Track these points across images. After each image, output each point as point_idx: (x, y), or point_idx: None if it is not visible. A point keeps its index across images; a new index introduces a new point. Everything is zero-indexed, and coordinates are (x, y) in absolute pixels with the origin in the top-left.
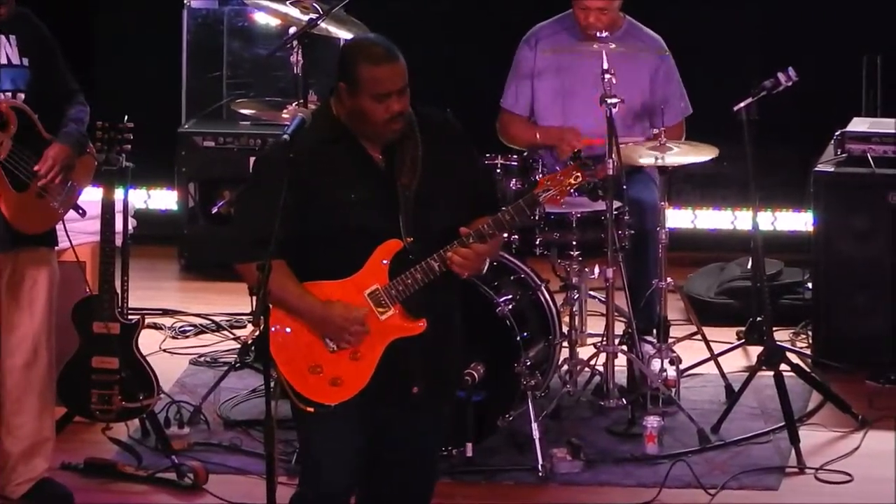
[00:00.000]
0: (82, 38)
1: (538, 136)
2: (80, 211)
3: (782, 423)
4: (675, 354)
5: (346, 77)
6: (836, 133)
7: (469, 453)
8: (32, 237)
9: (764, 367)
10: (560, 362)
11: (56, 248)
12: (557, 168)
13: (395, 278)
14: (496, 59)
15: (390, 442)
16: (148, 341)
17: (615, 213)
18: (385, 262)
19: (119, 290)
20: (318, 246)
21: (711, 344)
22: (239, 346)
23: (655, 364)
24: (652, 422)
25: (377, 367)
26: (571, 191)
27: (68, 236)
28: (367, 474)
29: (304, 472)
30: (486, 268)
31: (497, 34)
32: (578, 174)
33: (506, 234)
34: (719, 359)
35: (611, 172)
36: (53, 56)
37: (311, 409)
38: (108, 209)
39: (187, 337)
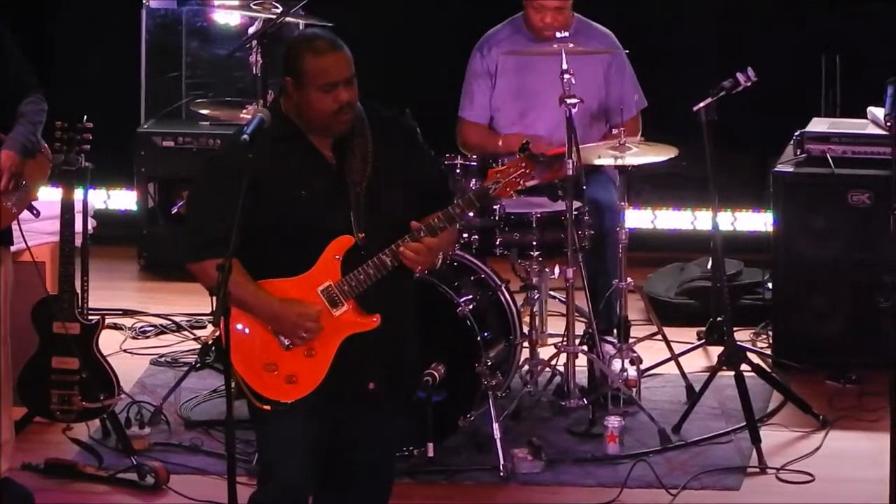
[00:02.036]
0: (40, 38)
1: (500, 143)
2: (35, 211)
3: (743, 424)
4: (635, 354)
5: (291, 71)
6: (796, 133)
7: (430, 453)
8: None
9: (724, 368)
10: (521, 362)
11: (11, 247)
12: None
13: (347, 274)
14: (453, 60)
15: (347, 441)
16: (108, 341)
17: (575, 213)
18: (337, 257)
19: (79, 291)
20: (270, 244)
21: (672, 344)
22: (199, 346)
23: (616, 364)
24: (613, 422)
25: (332, 364)
26: (521, 182)
27: (24, 237)
28: (325, 474)
29: (261, 470)
30: (439, 262)
31: (454, 36)
32: (526, 165)
33: (465, 235)
34: (680, 359)
35: (570, 173)
36: (6, 50)
37: (268, 408)
38: (67, 209)
39: (147, 337)
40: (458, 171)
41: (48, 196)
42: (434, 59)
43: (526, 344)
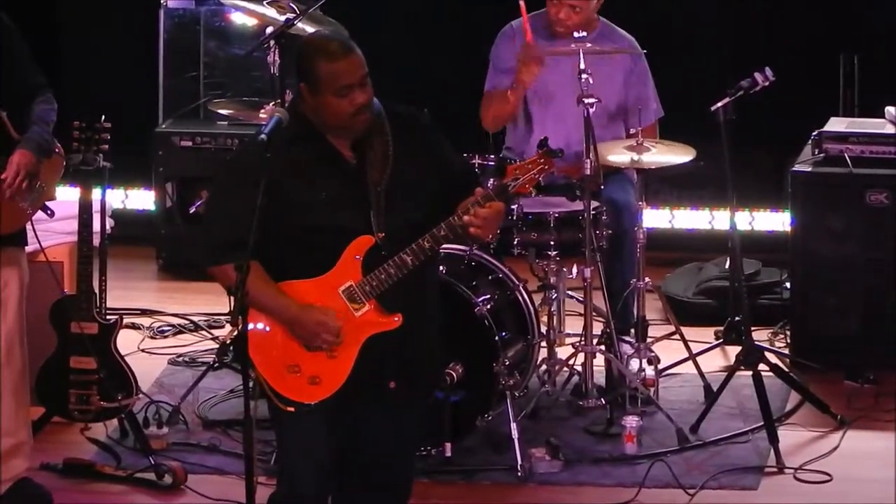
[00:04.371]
0: (58, 38)
1: (510, 95)
2: (49, 212)
3: (761, 423)
4: (653, 354)
5: (305, 77)
6: (814, 133)
7: (447, 453)
8: (1, 237)
9: (742, 367)
10: (538, 362)
11: (26, 247)
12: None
13: (368, 274)
14: (470, 59)
15: (367, 441)
16: (126, 341)
17: (593, 213)
18: (358, 257)
19: (97, 290)
20: (290, 245)
21: (690, 344)
22: (217, 346)
23: (634, 364)
24: (630, 421)
25: (354, 364)
26: (540, 178)
27: (38, 238)
28: (344, 474)
29: (280, 470)
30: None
31: (470, 35)
32: (544, 161)
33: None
34: (698, 358)
35: (588, 172)
36: (16, 48)
37: (292, 409)
38: (85, 209)
39: (165, 337)
40: (476, 170)
41: (66, 196)
42: (446, 59)
43: (544, 344)
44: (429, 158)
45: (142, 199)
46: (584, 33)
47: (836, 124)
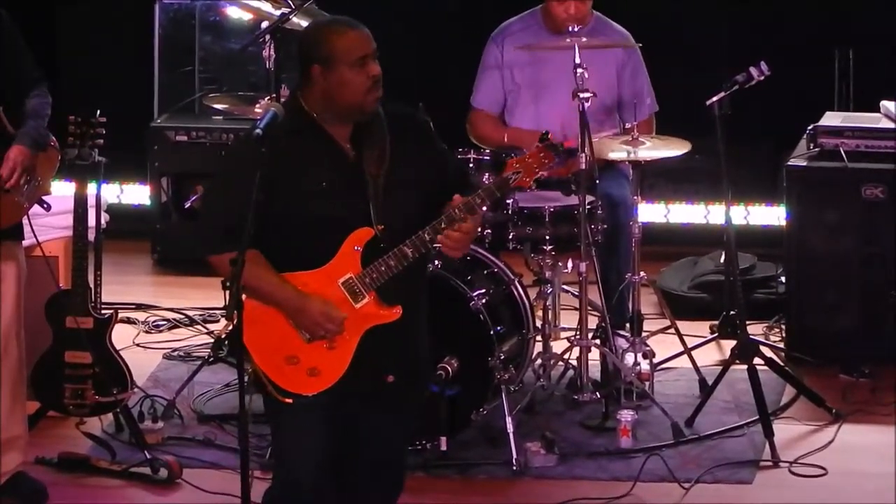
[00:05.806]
0: (53, 32)
1: (506, 138)
2: (45, 206)
3: (756, 417)
4: (648, 348)
5: (318, 57)
6: (809, 127)
7: (443, 447)
8: None
9: (737, 361)
10: (534, 356)
11: (22, 241)
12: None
13: (367, 266)
14: (466, 55)
15: (361, 436)
16: (121, 336)
17: (588, 207)
18: (357, 249)
19: (92, 285)
20: (289, 237)
21: (685, 338)
22: (212, 340)
23: (629, 358)
24: (626, 416)
25: (353, 357)
26: (540, 173)
27: (34, 232)
28: (338, 468)
29: (276, 464)
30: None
31: (467, 31)
32: (545, 155)
33: (478, 229)
34: (693, 352)
35: (583, 167)
36: (12, 43)
37: (290, 401)
38: (80, 204)
39: (161, 331)
40: (471, 165)
41: (61, 191)
42: (445, 53)
43: (539, 338)
44: (425, 156)
45: (137, 194)
46: (578, 27)
47: (831, 118)
